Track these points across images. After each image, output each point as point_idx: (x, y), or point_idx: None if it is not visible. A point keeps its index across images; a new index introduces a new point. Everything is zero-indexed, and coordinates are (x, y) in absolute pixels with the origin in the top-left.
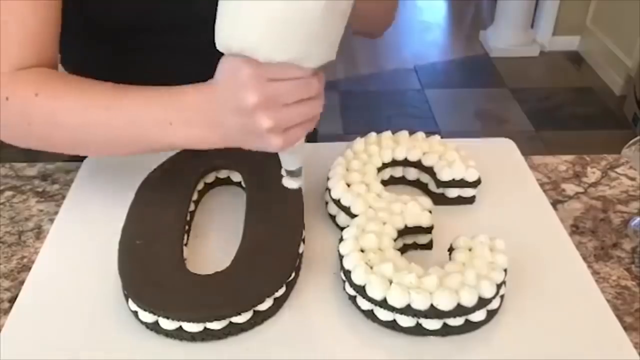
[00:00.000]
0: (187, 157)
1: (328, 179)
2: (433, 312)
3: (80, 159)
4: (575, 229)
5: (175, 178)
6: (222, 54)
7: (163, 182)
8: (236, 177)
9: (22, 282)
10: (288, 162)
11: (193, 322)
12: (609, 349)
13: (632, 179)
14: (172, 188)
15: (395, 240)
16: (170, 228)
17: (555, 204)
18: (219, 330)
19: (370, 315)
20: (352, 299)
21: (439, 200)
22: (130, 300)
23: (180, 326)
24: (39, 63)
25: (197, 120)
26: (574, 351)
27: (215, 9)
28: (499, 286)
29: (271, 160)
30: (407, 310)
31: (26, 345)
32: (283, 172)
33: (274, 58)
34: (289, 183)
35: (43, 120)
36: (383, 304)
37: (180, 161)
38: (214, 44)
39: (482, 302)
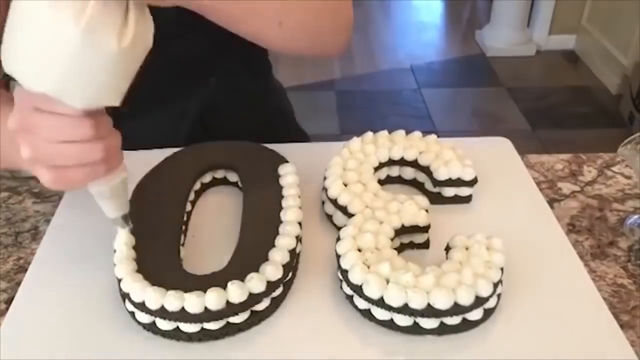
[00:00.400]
0: (184, 157)
1: (325, 178)
2: (430, 311)
3: None
4: (571, 228)
5: (172, 178)
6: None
7: (160, 182)
8: (233, 177)
9: (18, 283)
10: (105, 209)
11: (190, 322)
12: (605, 347)
13: (628, 177)
14: (168, 188)
15: (392, 239)
16: (167, 228)
17: (551, 202)
18: (216, 330)
19: (367, 314)
20: (349, 298)
21: (436, 199)
22: (127, 301)
23: (178, 326)
24: None
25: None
26: (571, 349)
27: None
28: (495, 285)
29: (268, 160)
30: (404, 310)
31: (23, 347)
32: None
33: (31, 87)
34: (118, 230)
35: None
36: (380, 303)
37: (177, 161)
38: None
39: (479, 301)
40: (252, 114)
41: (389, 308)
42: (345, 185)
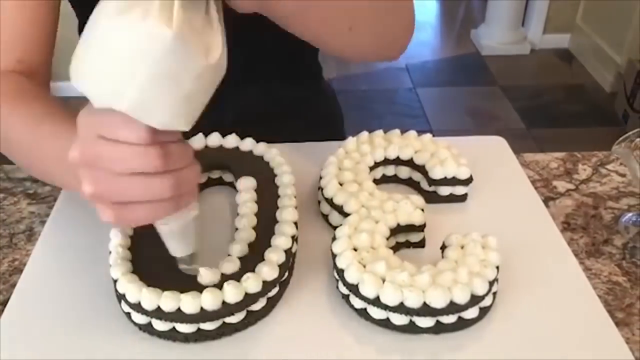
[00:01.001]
0: None
1: (320, 177)
2: (426, 309)
3: None
4: (566, 226)
5: None
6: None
7: None
8: (228, 177)
9: (13, 285)
10: (169, 245)
11: (186, 322)
12: (600, 345)
13: (623, 175)
14: None
15: (387, 238)
16: None
17: (546, 201)
18: (212, 330)
19: (363, 313)
20: (345, 297)
21: (431, 198)
22: (122, 302)
23: (174, 327)
24: (23, 64)
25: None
26: (566, 347)
27: None
28: (491, 283)
29: (264, 160)
30: (400, 308)
31: (18, 348)
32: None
33: (109, 104)
34: (184, 269)
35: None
36: (376, 302)
37: None
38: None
39: (475, 300)
40: (293, 121)
41: (385, 307)
42: (341, 184)
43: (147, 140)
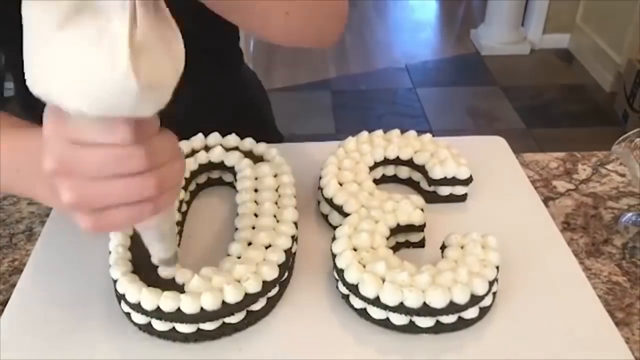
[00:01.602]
0: None
1: (320, 177)
2: (426, 309)
3: None
4: (566, 226)
5: None
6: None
7: None
8: (228, 177)
9: (13, 285)
10: (150, 247)
11: (186, 322)
12: (600, 344)
13: (622, 175)
14: None
15: (387, 238)
16: None
17: (546, 200)
18: (212, 330)
19: (363, 313)
20: (345, 297)
21: (431, 198)
22: (122, 302)
23: (173, 327)
24: None
25: (24, 169)
26: (566, 347)
27: None
28: (491, 283)
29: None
30: (400, 308)
31: (19, 348)
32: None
33: (80, 109)
34: (162, 270)
35: None
36: (376, 302)
37: None
38: None
39: (475, 300)
40: (218, 110)
41: (385, 307)
42: (341, 184)
43: (130, 140)
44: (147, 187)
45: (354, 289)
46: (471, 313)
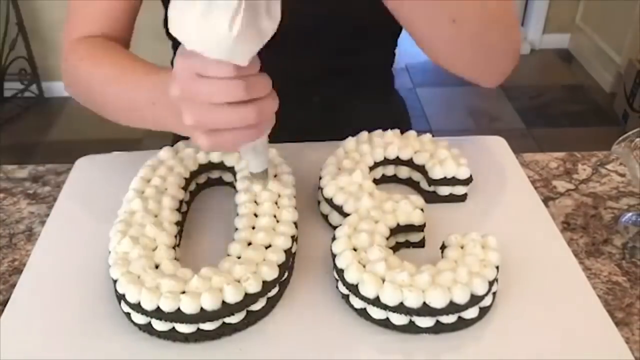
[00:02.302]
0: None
1: (320, 178)
2: (425, 309)
3: (70, 160)
4: (566, 226)
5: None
6: None
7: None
8: (228, 177)
9: (13, 285)
10: (250, 163)
11: (186, 323)
12: (600, 345)
13: (622, 175)
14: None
15: (387, 238)
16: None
17: (546, 200)
18: (212, 330)
19: (363, 313)
20: (345, 297)
21: (431, 198)
22: (122, 302)
23: (173, 327)
24: (107, 35)
25: (160, 101)
26: (566, 346)
27: None
28: (491, 283)
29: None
30: (400, 308)
31: (19, 348)
32: (247, 173)
33: (200, 50)
34: (254, 184)
35: (85, 84)
36: (376, 302)
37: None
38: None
39: (475, 300)
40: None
41: (385, 307)
42: (341, 185)
43: (232, 74)
44: (249, 115)
45: (354, 289)
46: (471, 313)
